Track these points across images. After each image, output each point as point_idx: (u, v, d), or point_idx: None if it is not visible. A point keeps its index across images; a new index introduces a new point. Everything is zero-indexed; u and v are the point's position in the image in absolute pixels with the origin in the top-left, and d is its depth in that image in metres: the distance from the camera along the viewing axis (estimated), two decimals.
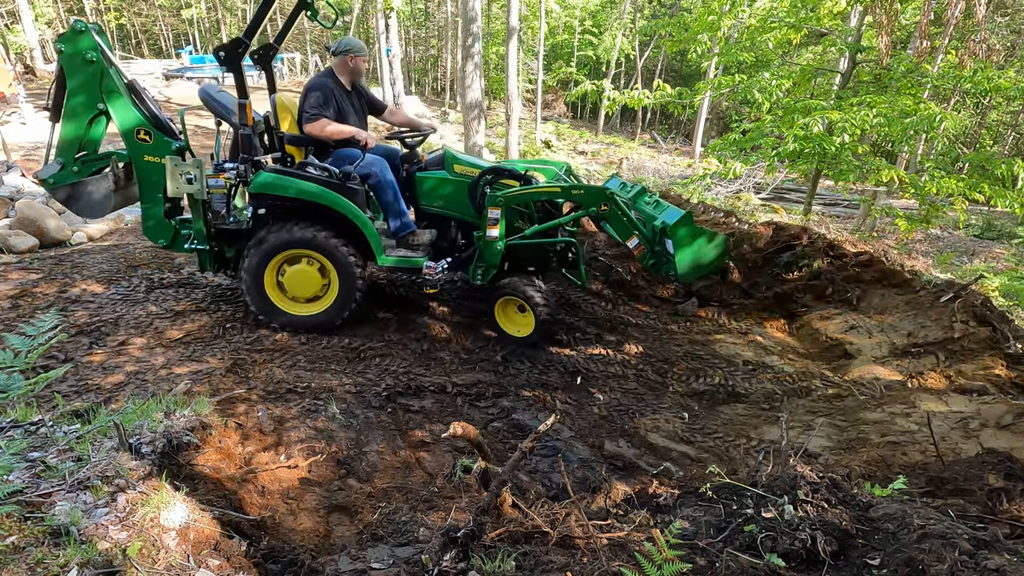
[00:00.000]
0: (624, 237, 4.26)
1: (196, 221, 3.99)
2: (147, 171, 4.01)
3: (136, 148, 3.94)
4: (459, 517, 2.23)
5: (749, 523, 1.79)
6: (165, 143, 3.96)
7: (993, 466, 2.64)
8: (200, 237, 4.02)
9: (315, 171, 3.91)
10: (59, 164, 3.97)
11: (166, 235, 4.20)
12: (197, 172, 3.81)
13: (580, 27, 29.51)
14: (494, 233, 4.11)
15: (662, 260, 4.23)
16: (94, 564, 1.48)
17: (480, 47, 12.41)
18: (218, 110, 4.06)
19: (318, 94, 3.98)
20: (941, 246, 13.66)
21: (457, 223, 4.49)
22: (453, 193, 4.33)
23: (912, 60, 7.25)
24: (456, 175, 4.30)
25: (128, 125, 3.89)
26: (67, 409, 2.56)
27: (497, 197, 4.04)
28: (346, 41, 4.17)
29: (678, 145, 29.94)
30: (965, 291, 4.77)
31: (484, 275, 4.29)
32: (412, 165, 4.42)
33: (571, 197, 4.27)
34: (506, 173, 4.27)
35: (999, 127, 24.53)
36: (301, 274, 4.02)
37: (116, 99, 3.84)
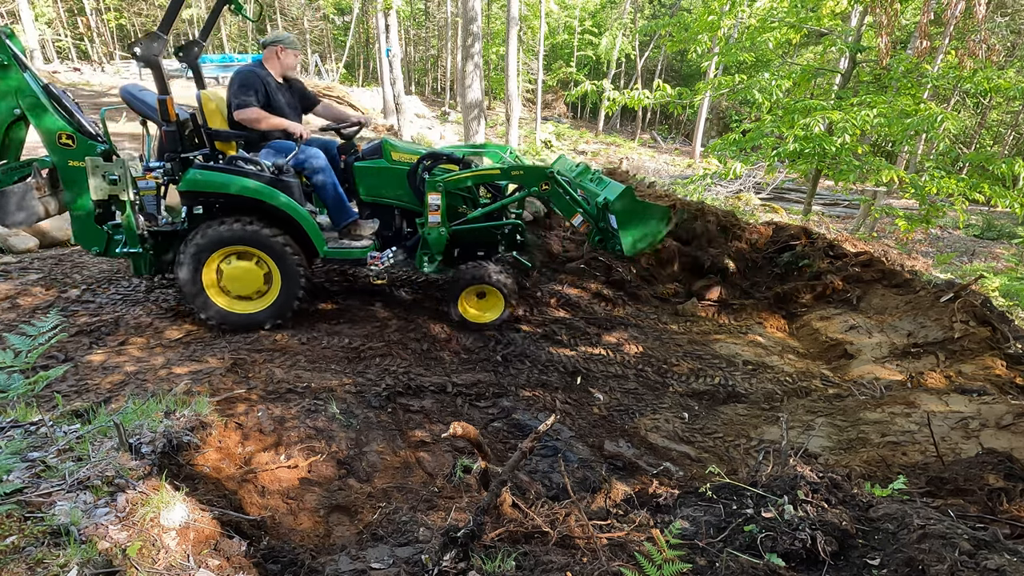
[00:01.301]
0: (568, 215, 4.32)
1: (126, 225, 3.85)
2: (72, 177, 3.85)
3: (59, 153, 3.79)
4: (459, 517, 2.23)
5: (749, 523, 1.79)
6: (89, 147, 3.80)
7: (993, 466, 2.64)
8: (132, 240, 3.88)
9: (246, 165, 3.83)
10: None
11: (99, 242, 4.02)
12: (122, 172, 3.68)
13: (580, 27, 29.51)
14: (436, 219, 4.10)
15: (608, 236, 4.29)
16: (94, 564, 1.48)
17: (480, 47, 12.40)
18: (141, 109, 3.95)
19: (247, 83, 3.91)
20: (941, 246, 13.66)
21: (400, 211, 4.44)
22: (393, 181, 4.28)
23: (912, 60, 7.26)
24: (394, 163, 4.25)
25: (48, 130, 3.74)
26: (67, 409, 2.56)
27: (436, 182, 4.02)
28: (275, 33, 4.13)
29: (678, 145, 29.94)
30: (965, 291, 4.78)
31: (431, 262, 4.28)
32: (349, 155, 4.37)
33: (512, 178, 4.26)
34: (444, 158, 4.26)
35: (999, 127, 24.53)
36: (240, 271, 3.94)
37: (33, 104, 3.68)
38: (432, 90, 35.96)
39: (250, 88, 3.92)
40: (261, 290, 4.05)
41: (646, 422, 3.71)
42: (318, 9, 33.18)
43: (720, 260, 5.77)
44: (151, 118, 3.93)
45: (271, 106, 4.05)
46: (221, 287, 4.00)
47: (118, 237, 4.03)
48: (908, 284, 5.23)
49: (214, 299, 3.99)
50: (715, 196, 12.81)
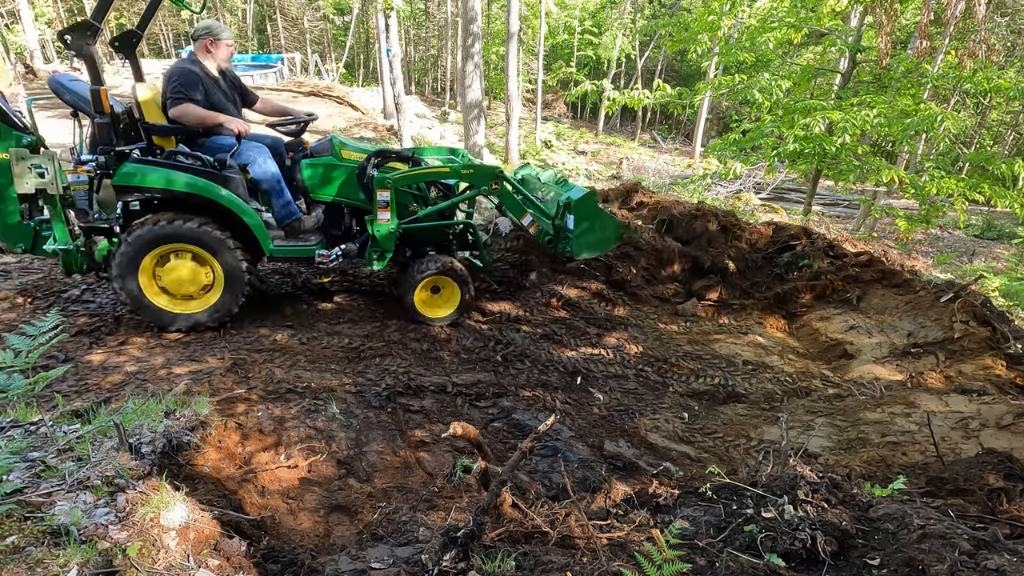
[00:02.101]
0: (518, 215, 4.39)
1: (55, 220, 3.65)
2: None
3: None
4: (459, 517, 2.23)
5: (749, 523, 1.79)
6: (14, 138, 3.60)
7: (993, 466, 2.64)
8: (62, 237, 3.67)
9: (186, 160, 3.72)
10: None
11: (25, 239, 3.82)
12: (49, 165, 3.49)
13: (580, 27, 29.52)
14: (385, 216, 4.06)
15: (559, 236, 4.39)
16: (94, 564, 1.48)
17: (480, 47, 12.41)
18: (71, 100, 3.77)
19: (180, 78, 3.78)
20: (941, 246, 13.66)
21: (349, 209, 4.39)
22: (341, 179, 4.22)
23: (912, 60, 7.26)
24: (344, 160, 4.21)
25: None
26: (67, 409, 2.56)
27: (386, 179, 3.98)
28: (204, 23, 3.95)
29: (678, 145, 29.95)
30: (965, 291, 4.78)
31: (380, 259, 4.24)
32: (297, 153, 4.31)
33: (461, 177, 4.25)
34: (393, 156, 4.25)
35: (999, 127, 24.54)
36: (180, 270, 3.81)
37: None
38: (432, 90, 35.96)
39: (185, 84, 3.78)
40: (203, 289, 3.93)
41: (646, 422, 3.71)
42: (318, 9, 33.17)
43: (720, 260, 5.77)
44: (82, 109, 3.75)
45: (210, 102, 3.91)
46: (161, 287, 3.88)
47: (46, 233, 3.81)
48: (908, 284, 5.23)
49: (153, 299, 3.85)
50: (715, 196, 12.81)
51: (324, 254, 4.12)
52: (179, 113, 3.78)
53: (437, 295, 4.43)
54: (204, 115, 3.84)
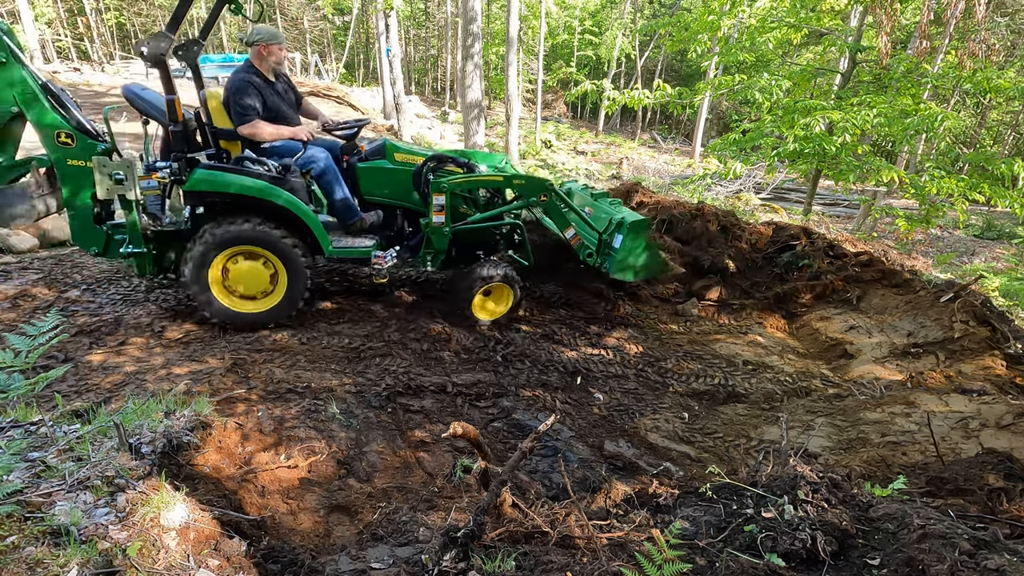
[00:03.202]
0: (562, 227, 4.51)
1: (131, 225, 3.79)
2: (71, 176, 3.78)
3: (58, 152, 3.72)
4: (459, 517, 2.23)
5: (749, 523, 1.79)
6: (89, 146, 3.74)
7: (993, 466, 2.64)
8: (136, 241, 3.82)
9: (253, 166, 3.84)
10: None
11: (97, 242, 3.97)
12: (127, 172, 3.61)
13: (580, 27, 29.51)
14: (439, 219, 4.19)
15: (601, 252, 4.49)
16: (94, 564, 1.48)
17: (480, 47, 12.41)
18: (144, 108, 3.90)
19: (244, 93, 3.88)
20: (941, 246, 13.66)
21: (402, 211, 4.49)
22: (395, 181, 4.33)
23: (912, 60, 7.26)
24: (397, 163, 4.32)
25: (47, 129, 3.66)
26: (67, 409, 2.56)
27: (441, 183, 4.11)
28: (258, 29, 4.02)
29: (678, 145, 29.95)
30: (965, 291, 4.78)
31: (434, 261, 4.38)
32: (352, 156, 4.40)
33: (513, 187, 4.41)
34: (448, 160, 4.36)
35: (999, 127, 24.53)
36: (248, 271, 3.93)
37: (31, 102, 3.61)
38: (432, 90, 35.96)
39: (248, 98, 3.89)
40: (266, 290, 4.04)
41: (646, 422, 3.71)
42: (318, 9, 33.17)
43: (720, 260, 5.77)
44: (154, 117, 3.90)
45: (270, 109, 4.03)
46: (226, 287, 3.98)
47: (118, 237, 3.98)
48: (908, 284, 5.23)
49: (219, 298, 3.96)
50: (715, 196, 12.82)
51: (380, 255, 4.21)
52: (250, 131, 3.92)
53: (488, 297, 4.51)
54: (274, 132, 3.99)
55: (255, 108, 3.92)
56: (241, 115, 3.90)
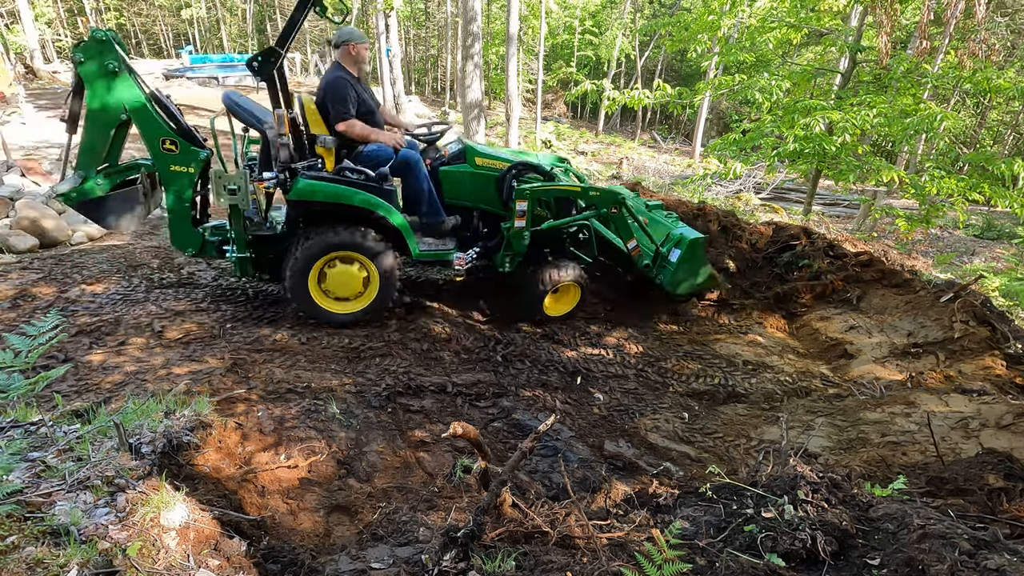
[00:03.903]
0: (626, 238, 4.65)
1: (237, 231, 3.98)
2: (173, 181, 3.97)
3: (161, 158, 3.90)
4: (459, 517, 2.23)
5: (749, 523, 1.79)
6: (192, 152, 3.94)
7: (993, 466, 2.64)
8: (240, 245, 4.04)
9: (352, 175, 4.01)
10: (79, 177, 3.89)
11: (194, 243, 4.20)
12: (241, 184, 3.78)
13: (580, 27, 29.50)
14: (521, 223, 4.37)
15: (658, 263, 4.71)
16: (94, 564, 1.48)
17: (480, 47, 12.41)
18: (245, 117, 4.09)
19: (341, 91, 4.01)
20: (941, 246, 13.66)
21: (478, 213, 4.65)
22: (476, 185, 4.49)
23: (912, 60, 7.25)
24: (477, 168, 4.46)
25: (153, 135, 3.83)
26: (67, 409, 2.55)
27: (525, 191, 4.29)
28: (345, 31, 4.16)
29: (678, 145, 29.94)
30: (965, 291, 4.77)
31: (511, 262, 4.55)
32: (434, 160, 4.55)
33: (589, 198, 4.59)
34: (531, 168, 4.53)
35: (999, 127, 24.53)
36: (344, 274, 4.11)
37: (139, 109, 3.75)
38: (432, 90, 35.94)
39: (345, 98, 4.02)
40: (359, 292, 4.22)
41: (646, 422, 3.71)
42: None
43: (720, 260, 5.77)
44: (253, 126, 4.09)
45: (362, 107, 4.16)
46: (322, 288, 4.15)
47: (212, 239, 4.21)
48: (908, 284, 5.23)
49: (316, 300, 4.14)
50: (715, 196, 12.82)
51: (460, 256, 4.42)
52: (346, 128, 4.07)
53: (556, 294, 4.69)
54: (367, 132, 4.13)
55: (351, 106, 4.05)
56: (338, 112, 4.02)
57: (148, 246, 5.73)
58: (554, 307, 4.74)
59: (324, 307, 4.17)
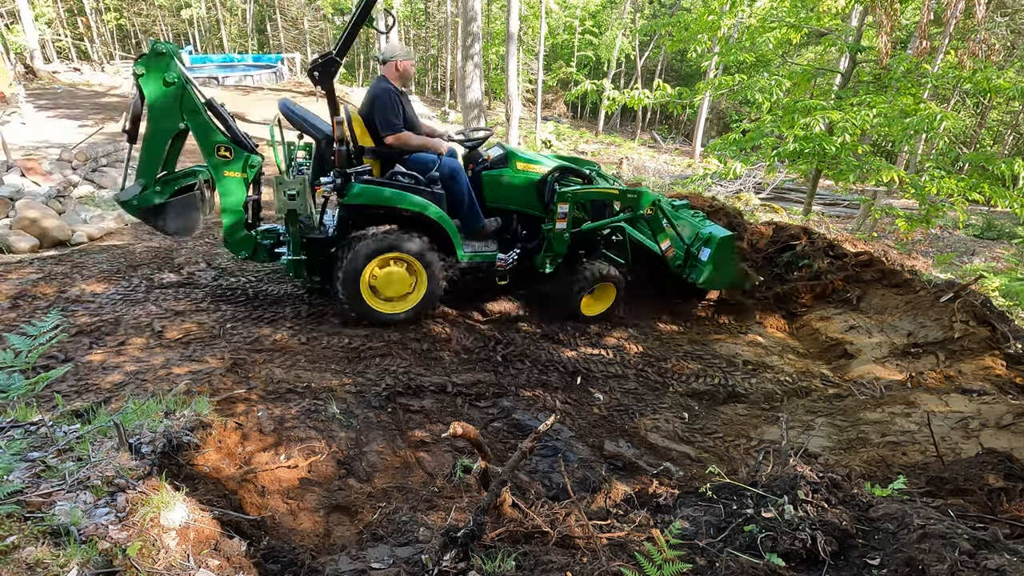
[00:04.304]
0: (660, 238, 4.86)
1: (293, 235, 4.09)
2: (228, 186, 4.10)
3: (217, 165, 4.03)
4: (459, 517, 2.23)
5: (749, 523, 1.79)
6: (245, 158, 4.07)
7: (993, 466, 2.64)
8: (296, 248, 4.14)
9: (403, 179, 4.14)
10: (140, 185, 4.01)
11: (247, 247, 4.31)
12: (301, 189, 3.90)
13: (580, 27, 29.49)
14: (562, 226, 4.49)
15: (689, 262, 4.86)
16: (94, 564, 1.48)
17: (480, 47, 12.40)
18: (299, 123, 4.21)
19: (389, 106, 4.13)
20: (941, 246, 13.66)
21: (517, 216, 4.75)
22: (517, 189, 4.61)
23: (912, 60, 7.25)
24: (518, 172, 4.59)
25: (209, 143, 3.96)
26: (67, 409, 2.55)
27: (566, 194, 4.42)
28: (393, 46, 4.35)
29: (678, 145, 29.94)
30: (965, 291, 4.78)
31: (551, 263, 4.67)
32: (477, 164, 4.67)
33: (626, 200, 4.72)
34: (571, 172, 4.70)
35: (999, 127, 24.53)
36: (394, 276, 4.22)
37: (197, 118, 3.88)
38: (432, 90, 35.94)
39: (393, 111, 4.15)
40: (407, 292, 4.33)
41: (646, 422, 3.71)
42: (318, 9, 33.17)
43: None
44: (308, 132, 4.20)
45: (407, 119, 4.27)
46: (372, 289, 4.26)
47: (264, 242, 4.35)
48: (908, 284, 5.23)
49: (367, 300, 4.24)
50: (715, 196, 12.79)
51: (503, 258, 4.56)
52: (397, 141, 4.19)
53: (592, 294, 4.80)
54: (418, 142, 4.26)
55: (400, 118, 4.17)
56: (388, 125, 4.14)
57: (148, 246, 5.74)
58: (591, 307, 4.85)
59: (374, 307, 4.28)
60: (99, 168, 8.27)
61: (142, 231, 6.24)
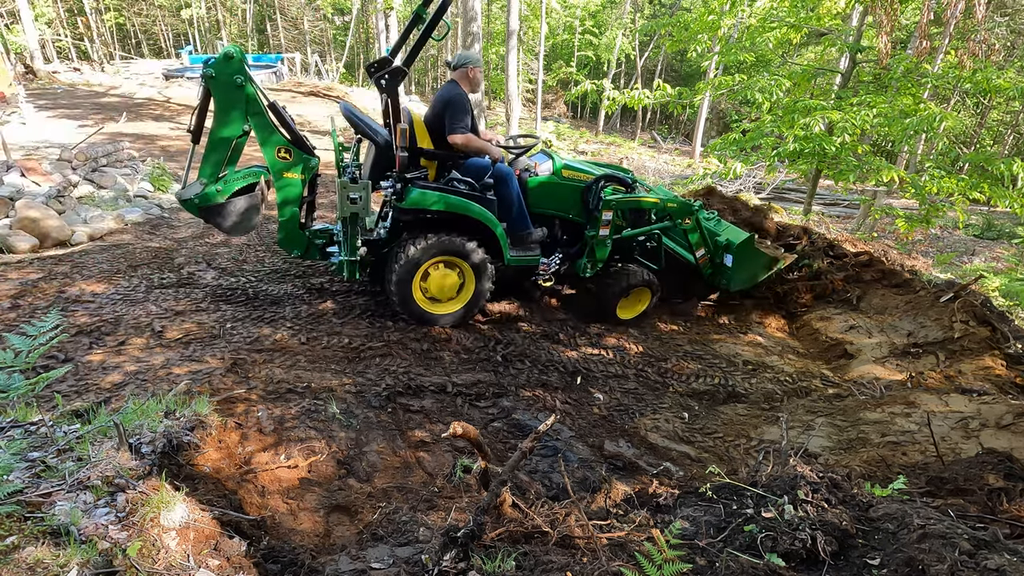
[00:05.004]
0: (697, 247, 5.01)
1: (351, 236, 4.17)
2: (286, 187, 4.20)
3: (276, 165, 4.13)
4: (459, 517, 2.23)
5: (749, 523, 1.79)
6: (304, 160, 4.18)
7: (993, 466, 2.64)
8: (351, 249, 4.22)
9: (460, 185, 4.22)
10: (201, 184, 4.08)
11: (300, 246, 4.43)
12: (363, 194, 4.01)
13: (580, 27, 29.49)
14: (605, 232, 4.63)
15: (718, 271, 5.06)
16: (94, 564, 1.48)
17: (480, 47, 12.40)
18: (362, 128, 4.30)
19: (461, 108, 4.24)
20: (941, 246, 13.66)
21: (560, 222, 4.85)
22: (562, 196, 4.70)
23: (912, 60, 7.25)
24: (564, 179, 4.66)
25: (271, 145, 4.06)
26: (67, 409, 2.55)
27: (611, 202, 4.56)
28: (464, 54, 4.42)
29: (678, 145, 29.94)
30: (965, 291, 4.78)
31: (592, 268, 4.78)
32: (523, 171, 4.74)
33: (666, 209, 4.85)
34: (615, 179, 4.78)
35: (999, 127, 24.53)
36: (444, 278, 4.33)
37: (260, 121, 3.99)
38: (432, 90, 35.93)
39: (465, 113, 4.25)
40: (452, 295, 4.43)
41: (646, 422, 3.71)
42: (317, 9, 33.18)
43: None
44: (369, 136, 4.30)
45: (474, 125, 4.38)
46: (422, 290, 4.36)
47: (317, 242, 4.48)
48: (908, 284, 5.23)
49: (418, 300, 4.34)
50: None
51: (545, 262, 4.69)
52: (462, 141, 4.26)
53: (628, 299, 4.92)
54: (480, 146, 4.34)
55: (468, 120, 4.28)
56: (457, 126, 4.22)
57: (148, 246, 5.73)
58: (626, 310, 4.95)
59: (424, 308, 4.37)
60: (99, 168, 8.27)
61: (142, 231, 6.25)
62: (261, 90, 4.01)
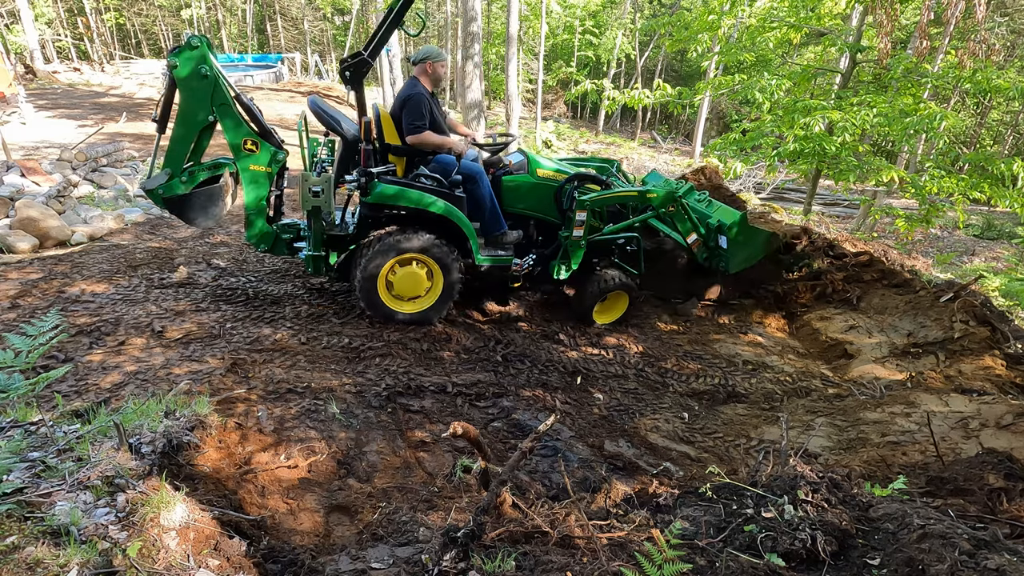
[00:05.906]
0: (686, 233, 4.87)
1: (314, 231, 4.15)
2: (253, 179, 4.16)
3: (243, 158, 4.09)
4: (459, 517, 2.23)
5: (749, 523, 1.79)
6: (271, 153, 4.14)
7: (993, 466, 2.64)
8: (316, 244, 4.21)
9: (427, 181, 4.16)
10: (166, 175, 4.07)
11: (267, 240, 4.37)
12: (326, 187, 3.96)
13: (580, 27, 29.48)
14: (579, 233, 4.49)
15: (714, 254, 4.90)
16: (94, 564, 1.48)
17: (480, 47, 12.39)
18: (328, 122, 4.25)
19: (417, 107, 4.17)
20: (941, 246, 13.66)
21: (534, 222, 4.77)
22: (536, 195, 4.62)
23: (912, 60, 7.26)
24: (539, 179, 4.58)
25: (237, 137, 4.02)
26: (67, 409, 2.55)
27: (584, 201, 4.40)
28: (424, 49, 4.34)
29: (678, 145, 29.93)
30: (965, 291, 4.77)
31: (566, 271, 4.65)
32: (497, 169, 4.69)
33: (647, 200, 4.67)
34: (589, 178, 4.67)
35: (999, 127, 24.53)
36: (411, 276, 4.25)
37: (226, 112, 3.95)
38: None
39: (421, 112, 4.19)
40: (420, 294, 4.36)
41: (646, 422, 3.71)
42: (318, 9, 33.18)
43: None
44: (336, 131, 4.24)
45: (434, 120, 4.30)
46: (388, 288, 4.29)
47: (284, 236, 4.42)
48: (908, 284, 5.22)
49: (383, 299, 4.29)
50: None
51: (519, 262, 4.56)
52: (417, 141, 4.21)
53: (604, 302, 4.83)
54: (438, 141, 4.28)
55: (424, 120, 4.20)
56: (412, 126, 4.17)
57: (148, 246, 5.73)
58: (603, 315, 4.87)
59: (390, 306, 4.32)
60: (99, 168, 8.27)
61: (142, 231, 6.25)
62: (228, 81, 3.97)
